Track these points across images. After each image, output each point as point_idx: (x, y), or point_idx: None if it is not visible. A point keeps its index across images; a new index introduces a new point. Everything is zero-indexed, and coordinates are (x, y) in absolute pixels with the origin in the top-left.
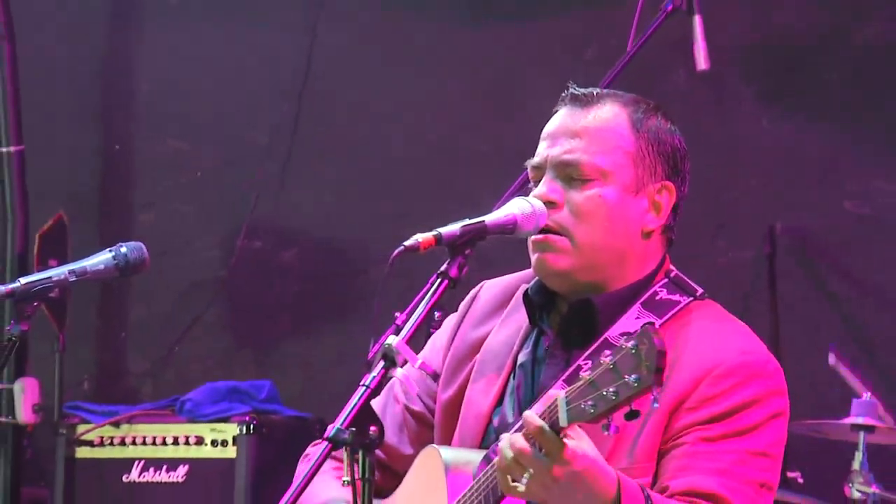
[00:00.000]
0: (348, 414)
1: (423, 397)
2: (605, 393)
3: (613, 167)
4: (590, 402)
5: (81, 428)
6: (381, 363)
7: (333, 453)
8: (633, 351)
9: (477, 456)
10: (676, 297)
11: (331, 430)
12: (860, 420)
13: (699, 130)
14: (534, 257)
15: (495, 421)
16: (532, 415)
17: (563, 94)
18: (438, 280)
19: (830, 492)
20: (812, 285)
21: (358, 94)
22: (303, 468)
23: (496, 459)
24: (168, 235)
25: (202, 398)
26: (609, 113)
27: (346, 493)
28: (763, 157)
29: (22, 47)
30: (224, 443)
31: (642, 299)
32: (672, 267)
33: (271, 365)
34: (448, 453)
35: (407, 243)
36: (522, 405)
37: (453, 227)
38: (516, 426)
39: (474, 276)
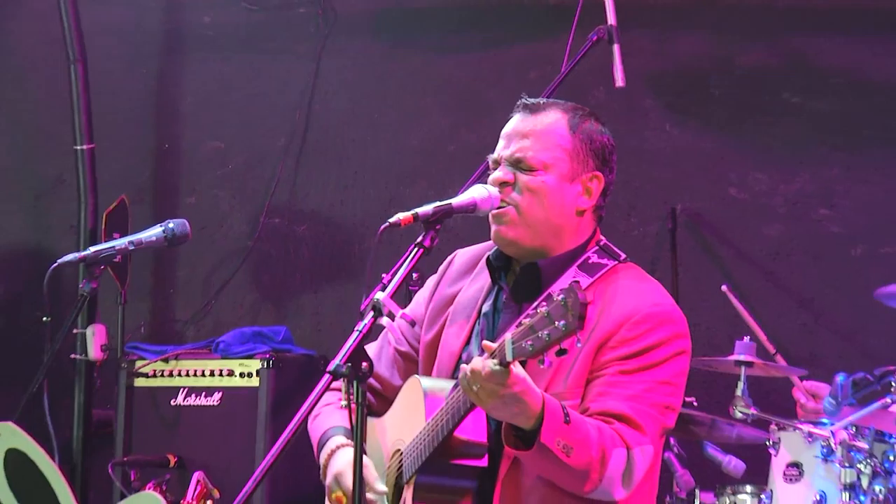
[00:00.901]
0: (345, 353)
1: (409, 340)
2: (540, 335)
3: (553, 161)
4: (529, 342)
5: (139, 363)
6: (371, 313)
7: (334, 385)
8: (562, 303)
9: (448, 384)
10: (605, 261)
11: (331, 365)
12: (742, 357)
13: (615, 134)
14: (492, 230)
15: (464, 357)
16: (487, 343)
17: (518, 103)
18: (415, 249)
19: (718, 413)
20: (704, 253)
21: (354, 107)
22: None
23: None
24: (207, 214)
25: (232, 340)
26: (552, 118)
27: (345, 420)
28: (666, 153)
29: (94, 68)
30: (249, 375)
31: (578, 262)
32: (602, 237)
33: (287, 314)
34: (427, 382)
35: (391, 220)
36: None
37: (427, 208)
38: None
39: (444, 245)
